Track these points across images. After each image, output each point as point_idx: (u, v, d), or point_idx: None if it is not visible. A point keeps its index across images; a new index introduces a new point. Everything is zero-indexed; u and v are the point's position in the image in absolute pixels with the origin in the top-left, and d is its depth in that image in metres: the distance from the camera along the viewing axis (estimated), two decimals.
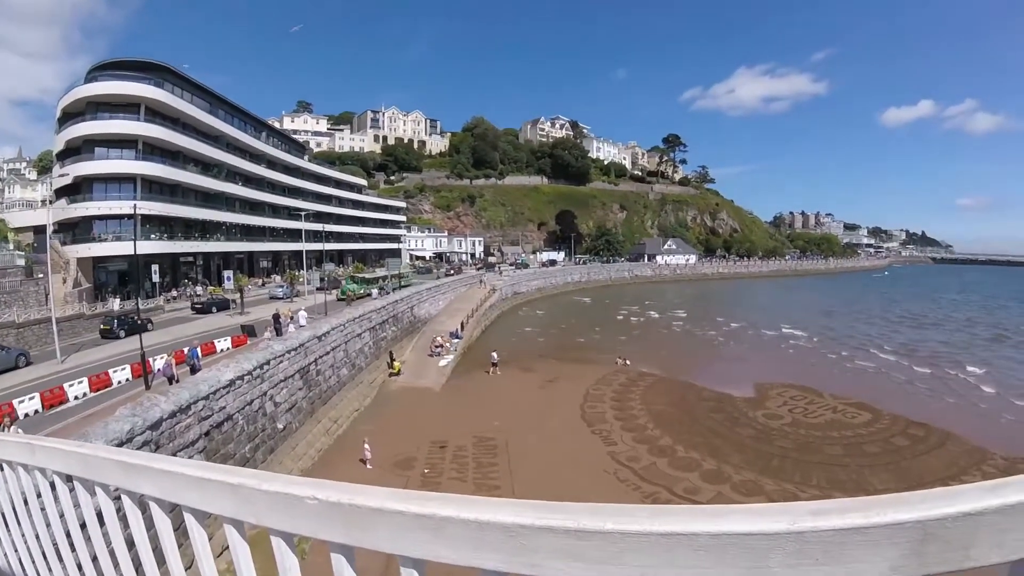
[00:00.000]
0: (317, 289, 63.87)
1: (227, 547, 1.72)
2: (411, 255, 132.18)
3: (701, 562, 0.98)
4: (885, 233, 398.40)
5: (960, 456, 27.27)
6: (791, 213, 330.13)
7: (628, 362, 45.45)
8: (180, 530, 1.95)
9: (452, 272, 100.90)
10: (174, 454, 16.95)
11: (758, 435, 29.97)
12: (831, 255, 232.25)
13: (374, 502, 1.26)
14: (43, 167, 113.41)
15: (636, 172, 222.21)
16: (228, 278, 54.86)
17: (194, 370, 26.06)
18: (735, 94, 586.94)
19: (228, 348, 34.74)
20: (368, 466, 24.81)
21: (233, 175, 75.26)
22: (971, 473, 25.12)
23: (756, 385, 39.66)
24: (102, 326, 41.05)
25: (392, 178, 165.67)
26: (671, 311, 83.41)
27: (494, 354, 44.12)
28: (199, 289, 63.01)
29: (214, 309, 51.66)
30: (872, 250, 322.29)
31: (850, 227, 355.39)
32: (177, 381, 24.29)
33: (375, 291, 61.66)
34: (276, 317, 38.06)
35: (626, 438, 29.18)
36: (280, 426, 24.81)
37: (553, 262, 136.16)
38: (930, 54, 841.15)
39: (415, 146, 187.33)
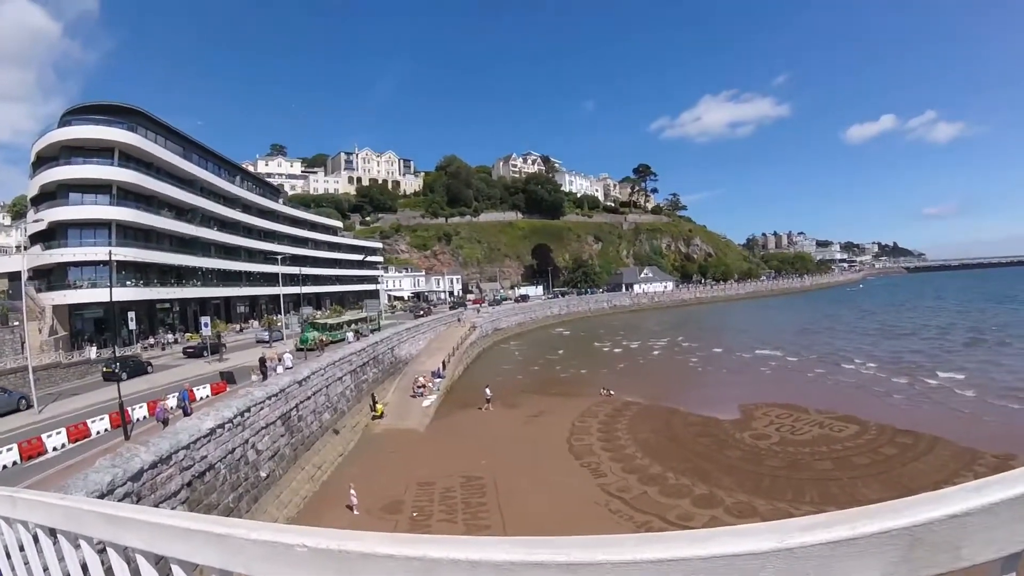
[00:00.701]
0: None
1: None
2: (389, 296, 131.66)
3: None
4: (857, 247, 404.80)
5: (950, 459, 27.35)
6: (764, 234, 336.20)
7: (612, 392, 45.30)
8: None
9: (422, 313, 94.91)
10: (156, 506, 16.60)
11: (747, 456, 29.88)
12: (806, 273, 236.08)
13: (364, 547, 1.25)
14: (17, 212, 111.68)
15: (609, 203, 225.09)
16: (205, 324, 54.08)
17: (185, 413, 26.37)
18: (701, 121, 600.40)
19: (208, 396, 34.11)
20: (355, 512, 24.38)
21: (208, 220, 74.92)
22: (963, 475, 25.17)
23: (741, 406, 39.64)
24: (104, 368, 41.50)
25: (368, 219, 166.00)
26: (652, 339, 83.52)
27: (487, 390, 43.96)
28: (169, 336, 62.14)
29: (205, 353, 51.54)
30: (846, 265, 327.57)
31: (823, 244, 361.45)
32: (166, 425, 24.19)
33: (350, 335, 59.19)
34: (263, 360, 38.83)
35: (615, 468, 28.94)
36: (263, 474, 24.39)
37: (526, 297, 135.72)
38: (888, 70, 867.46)
39: (389, 186, 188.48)
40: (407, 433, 37.15)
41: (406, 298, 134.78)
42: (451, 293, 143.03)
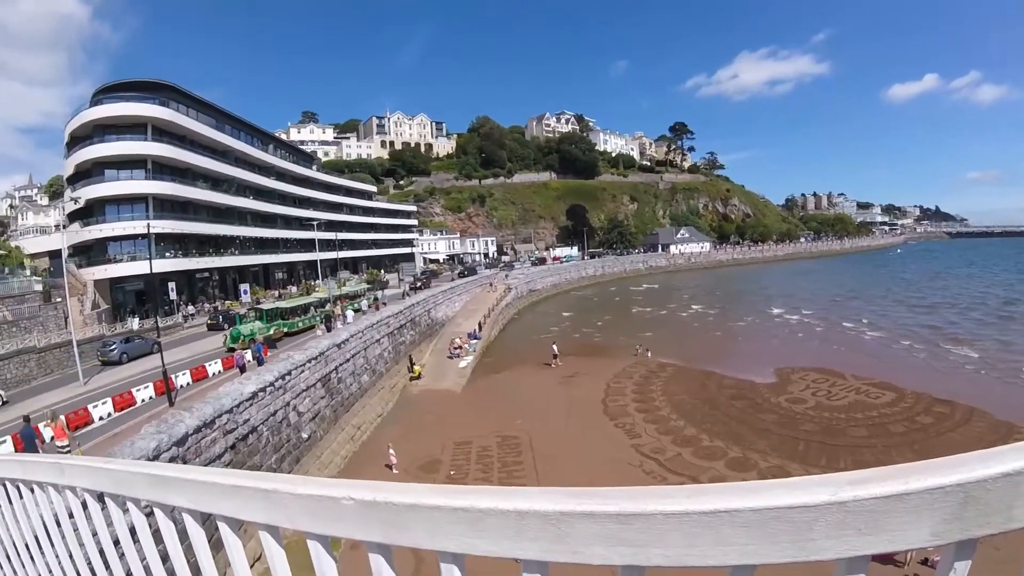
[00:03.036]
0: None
1: (260, 555, 1.71)
2: (425, 258, 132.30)
3: (744, 538, 0.98)
4: (899, 210, 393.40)
5: (986, 431, 26.92)
6: (803, 195, 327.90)
7: (649, 352, 45.27)
8: (214, 540, 1.96)
9: (419, 285, 74.43)
10: None
11: (782, 420, 29.76)
12: (845, 235, 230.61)
13: (410, 498, 1.25)
14: (54, 192, 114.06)
15: (645, 162, 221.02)
16: (245, 291, 54.89)
17: (260, 363, 29.89)
18: (739, 79, 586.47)
19: (248, 361, 34.83)
20: (394, 471, 24.89)
21: (243, 189, 75.55)
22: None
23: (777, 370, 39.37)
24: (209, 320, 50.55)
25: (401, 183, 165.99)
26: (687, 301, 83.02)
27: (555, 347, 45.20)
28: (204, 306, 62.84)
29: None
30: (886, 228, 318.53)
31: (863, 206, 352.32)
32: (243, 371, 29.07)
33: (351, 312, 48.65)
34: (328, 316, 44.09)
35: (649, 430, 29.06)
36: (305, 435, 24.94)
37: (543, 260, 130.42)
38: (931, 27, 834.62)
39: (422, 149, 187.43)
40: (444, 394, 37.65)
41: (441, 260, 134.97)
42: (486, 255, 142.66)
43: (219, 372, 32.24)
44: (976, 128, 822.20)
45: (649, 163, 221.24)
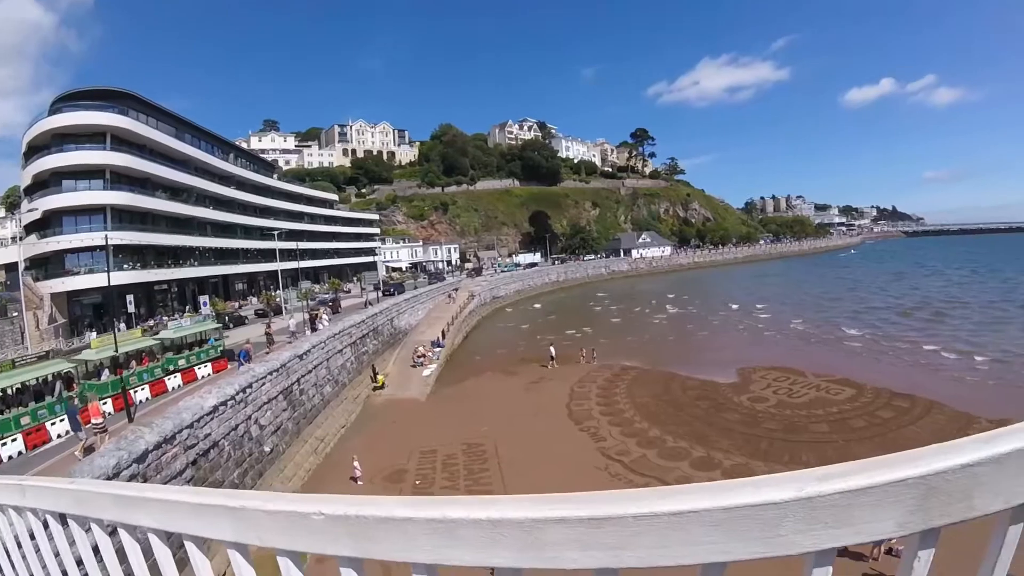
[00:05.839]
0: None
1: (225, 572, 1.69)
2: (387, 267, 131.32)
3: (714, 536, 1.00)
4: (856, 211, 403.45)
5: (946, 424, 27.60)
6: (762, 198, 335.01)
7: (595, 355, 46.58)
8: (179, 558, 1.92)
9: (328, 311, 52.69)
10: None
11: (745, 419, 30.17)
12: (804, 237, 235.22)
13: (382, 511, 1.24)
14: (11, 203, 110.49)
15: (606, 169, 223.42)
16: (204, 303, 53.86)
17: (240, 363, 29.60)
18: (700, 86, 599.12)
19: (209, 375, 33.92)
20: (359, 483, 24.57)
21: (203, 199, 74.12)
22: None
23: (739, 370, 39.94)
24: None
25: (363, 191, 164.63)
26: (649, 305, 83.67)
27: (552, 348, 45.82)
28: (163, 320, 61.17)
29: (271, 314, 58.01)
30: (844, 228, 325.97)
31: (821, 207, 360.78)
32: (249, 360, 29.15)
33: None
34: (313, 318, 43.58)
35: (614, 432, 29.22)
36: (267, 449, 24.59)
37: (479, 271, 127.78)
38: (888, 32, 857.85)
39: (384, 157, 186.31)
40: (408, 403, 37.37)
41: (404, 269, 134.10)
42: (449, 263, 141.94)
43: None
44: (933, 129, 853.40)
45: (611, 169, 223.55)
